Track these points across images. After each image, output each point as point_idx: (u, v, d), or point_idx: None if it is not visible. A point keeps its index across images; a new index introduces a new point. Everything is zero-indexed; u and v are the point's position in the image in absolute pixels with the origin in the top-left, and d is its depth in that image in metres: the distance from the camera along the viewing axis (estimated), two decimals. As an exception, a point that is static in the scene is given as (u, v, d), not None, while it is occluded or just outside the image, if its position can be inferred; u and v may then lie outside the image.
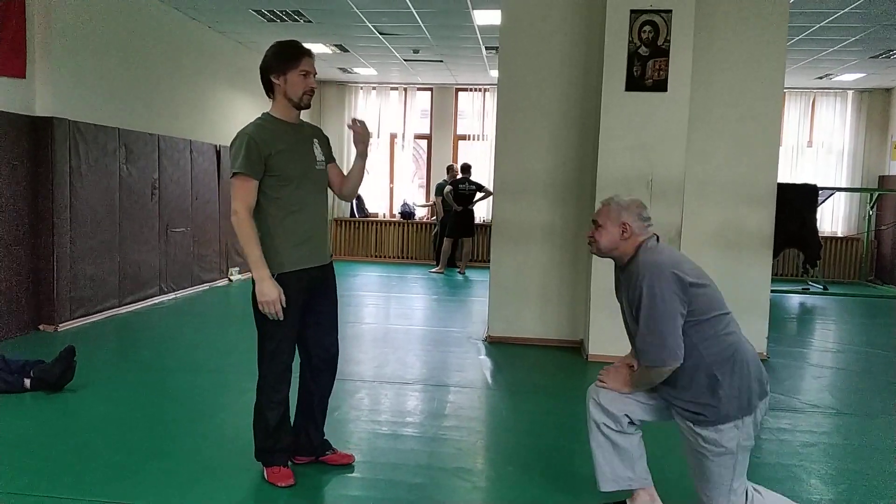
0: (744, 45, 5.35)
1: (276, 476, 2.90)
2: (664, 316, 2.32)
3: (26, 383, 4.01)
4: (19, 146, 5.31)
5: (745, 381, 2.33)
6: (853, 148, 10.81)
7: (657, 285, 2.34)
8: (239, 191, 2.70)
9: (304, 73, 2.77)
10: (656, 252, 2.46)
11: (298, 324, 2.85)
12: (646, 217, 2.53)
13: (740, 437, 2.33)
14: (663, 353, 2.33)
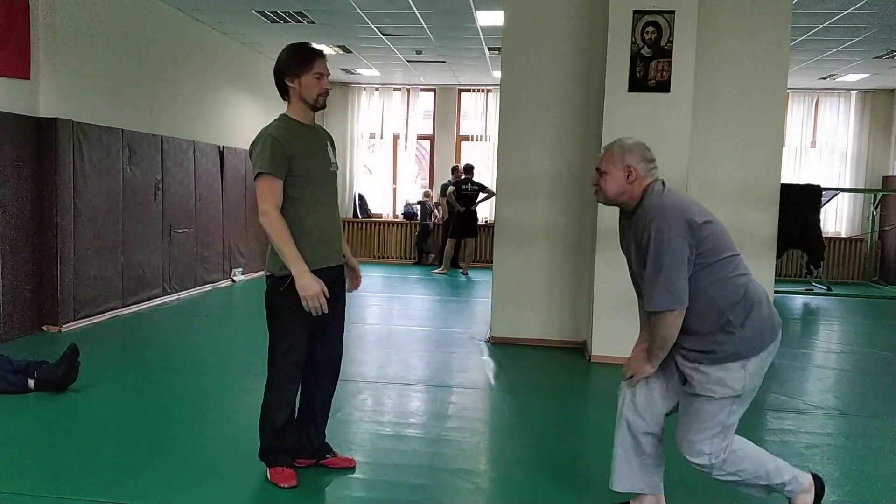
0: (747, 46, 5.35)
1: (279, 476, 2.90)
2: (671, 259, 2.26)
3: (30, 384, 4.01)
4: (23, 147, 5.33)
5: (754, 323, 2.32)
6: (857, 148, 10.79)
7: (665, 228, 2.28)
8: (266, 191, 2.70)
9: (318, 75, 2.79)
10: (664, 195, 2.39)
11: (311, 324, 2.85)
12: (650, 158, 2.46)
13: (746, 377, 2.32)
14: (668, 296, 2.27)
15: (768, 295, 2.43)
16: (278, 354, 2.83)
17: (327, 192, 2.89)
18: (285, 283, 2.75)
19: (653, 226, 2.30)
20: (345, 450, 3.28)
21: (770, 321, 2.36)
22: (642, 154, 2.44)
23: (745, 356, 2.31)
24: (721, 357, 2.33)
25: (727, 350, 2.32)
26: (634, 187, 2.43)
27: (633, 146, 2.45)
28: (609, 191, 2.46)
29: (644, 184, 2.43)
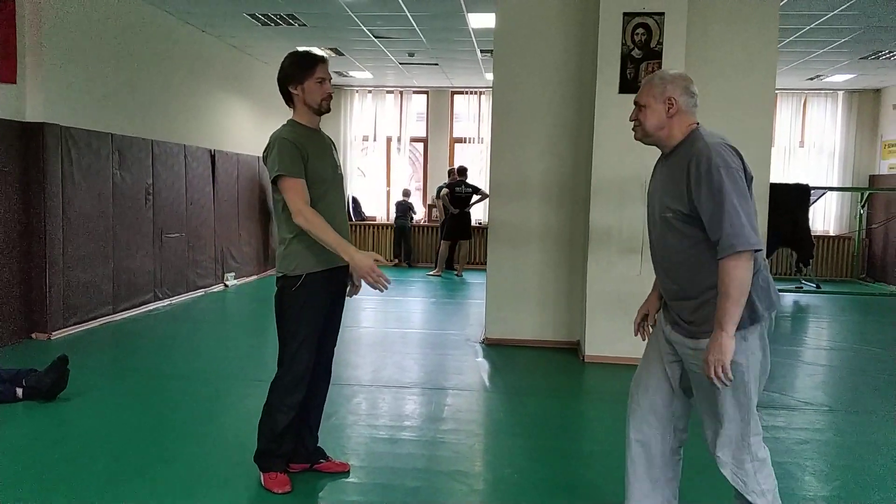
0: (735, 47, 5.39)
1: (273, 482, 2.89)
2: (745, 195, 2.05)
3: (19, 393, 3.97)
4: (10, 152, 5.29)
5: (753, 295, 2.12)
6: (844, 148, 10.88)
7: (733, 165, 2.08)
8: (292, 191, 2.71)
9: (320, 80, 2.82)
10: (719, 136, 2.20)
11: (321, 324, 2.86)
12: (693, 92, 2.27)
13: (748, 349, 2.13)
14: (752, 233, 2.03)
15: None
16: (288, 356, 2.84)
17: (336, 194, 2.92)
18: (297, 283, 2.77)
19: (714, 162, 2.07)
20: (339, 454, 3.28)
21: (773, 292, 2.18)
22: (685, 87, 2.25)
23: (743, 326, 2.10)
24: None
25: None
26: (674, 122, 2.24)
27: (675, 77, 2.26)
28: (648, 125, 2.26)
29: (686, 122, 2.25)
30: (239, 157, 8.86)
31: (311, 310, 2.80)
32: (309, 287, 2.78)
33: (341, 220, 2.91)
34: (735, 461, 2.21)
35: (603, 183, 5.12)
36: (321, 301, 2.84)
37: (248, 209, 9.17)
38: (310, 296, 2.79)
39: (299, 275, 2.77)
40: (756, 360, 2.17)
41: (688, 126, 2.25)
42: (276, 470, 2.91)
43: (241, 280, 8.92)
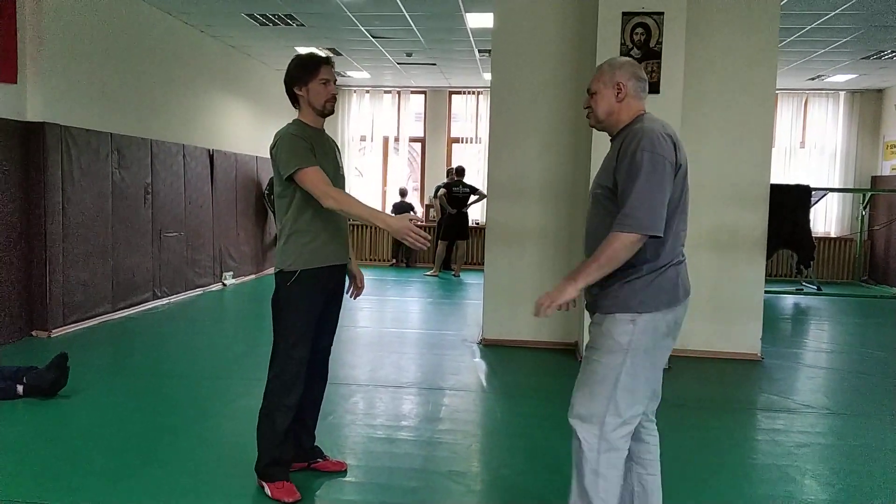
0: (735, 47, 5.37)
1: (281, 492, 2.83)
2: (661, 184, 2.10)
3: (19, 390, 3.98)
4: (11, 152, 5.29)
5: (655, 283, 2.17)
6: (845, 148, 10.86)
7: (660, 150, 2.12)
8: (311, 181, 2.69)
9: (325, 82, 2.82)
10: (660, 123, 2.23)
11: (316, 322, 2.85)
12: (642, 77, 2.30)
13: (634, 333, 2.16)
14: (652, 218, 2.08)
15: (685, 280, 2.27)
16: (283, 352, 2.81)
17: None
18: (292, 278, 2.77)
19: (646, 146, 2.12)
20: (336, 453, 3.27)
21: (672, 284, 2.19)
22: (633, 72, 2.29)
23: (636, 310, 2.16)
24: (610, 306, 2.20)
25: (618, 300, 2.19)
26: (623, 107, 2.27)
27: (623, 63, 2.31)
28: (599, 111, 2.30)
29: (634, 106, 2.28)
30: (237, 157, 8.85)
31: (307, 306, 2.80)
32: (304, 283, 2.78)
33: (342, 218, 2.90)
34: (586, 433, 2.23)
35: (602, 183, 5.10)
36: (317, 298, 2.83)
37: (247, 208, 9.16)
38: (305, 292, 2.79)
39: (295, 270, 2.77)
40: (640, 348, 2.17)
41: (636, 112, 2.28)
42: (282, 479, 2.87)
43: (240, 279, 8.92)
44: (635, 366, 2.18)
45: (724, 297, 5.50)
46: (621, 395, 2.19)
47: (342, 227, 2.91)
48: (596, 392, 2.22)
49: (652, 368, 2.23)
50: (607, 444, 2.21)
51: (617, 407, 2.20)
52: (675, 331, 2.27)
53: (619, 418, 2.21)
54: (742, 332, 5.50)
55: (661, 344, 2.23)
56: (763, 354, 5.51)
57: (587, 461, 2.23)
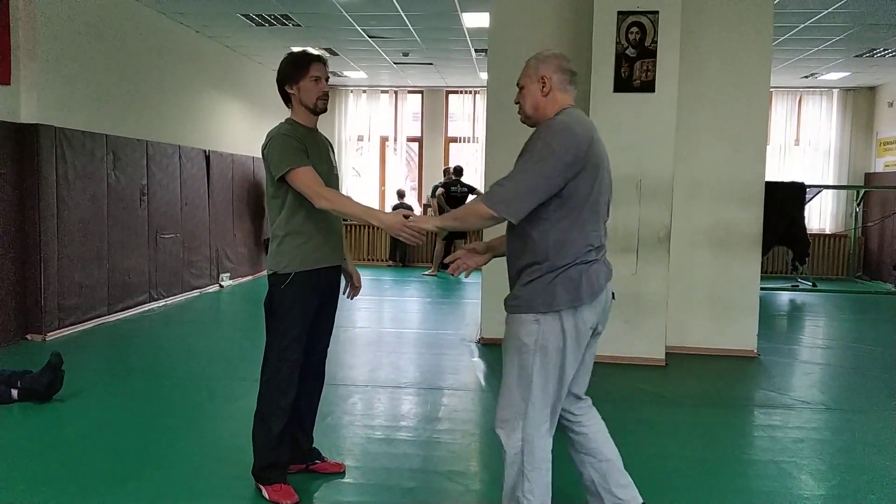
0: (730, 45, 5.39)
1: (278, 494, 2.81)
2: (539, 174, 2.09)
3: (14, 394, 3.96)
4: (4, 154, 5.27)
5: (556, 284, 2.15)
6: (839, 146, 10.91)
7: (554, 145, 2.10)
8: (303, 181, 2.67)
9: (315, 79, 2.80)
10: (575, 118, 2.20)
11: (309, 324, 2.84)
12: (569, 70, 2.28)
13: (540, 333, 2.16)
14: (511, 203, 2.10)
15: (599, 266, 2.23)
16: (275, 354, 2.80)
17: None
18: (286, 281, 2.75)
19: (543, 135, 2.14)
20: (335, 454, 3.27)
21: (575, 285, 2.16)
22: (559, 65, 2.26)
23: (541, 311, 2.15)
24: (515, 305, 2.22)
25: (521, 300, 2.20)
26: (549, 101, 2.25)
27: (548, 56, 2.28)
28: (526, 105, 2.29)
29: (559, 99, 2.25)
30: (233, 158, 8.84)
31: (300, 309, 2.78)
32: (298, 286, 2.76)
33: (335, 218, 2.89)
34: (507, 437, 2.25)
35: (598, 182, 5.11)
36: (311, 301, 2.82)
37: (243, 209, 9.15)
38: (299, 294, 2.77)
39: (289, 273, 2.76)
40: (548, 347, 2.18)
41: (561, 106, 2.26)
42: (279, 481, 2.85)
43: (237, 280, 8.90)
44: (546, 365, 2.18)
45: (721, 295, 5.52)
46: (536, 396, 2.20)
47: (336, 227, 2.90)
48: (512, 395, 2.23)
49: (565, 368, 2.21)
50: (529, 446, 2.23)
51: (534, 408, 2.21)
52: (587, 331, 2.24)
53: (536, 419, 2.21)
54: (738, 328, 5.52)
55: (573, 343, 2.20)
56: (759, 351, 5.53)
57: (512, 464, 2.25)
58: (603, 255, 2.27)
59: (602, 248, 2.26)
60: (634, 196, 5.07)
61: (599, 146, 2.21)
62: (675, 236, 5.30)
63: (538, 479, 2.23)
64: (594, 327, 2.28)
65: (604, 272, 2.24)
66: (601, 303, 2.24)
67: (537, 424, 2.21)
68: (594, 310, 2.22)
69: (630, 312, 5.13)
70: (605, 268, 2.27)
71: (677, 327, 5.48)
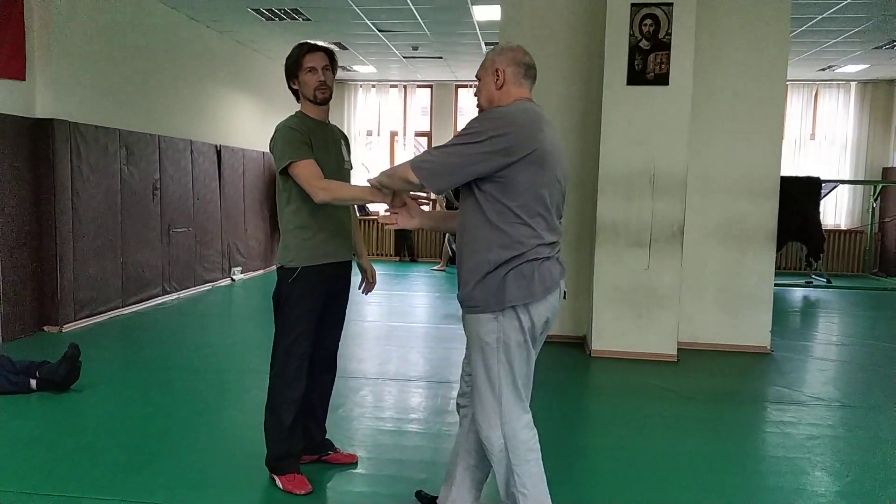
0: (746, 38, 5.33)
1: (292, 484, 2.83)
2: (465, 153, 2.08)
3: (32, 384, 4.02)
4: (20, 149, 5.32)
5: (509, 280, 2.14)
6: (856, 140, 10.78)
7: (486, 126, 2.09)
8: (304, 173, 2.65)
9: (310, 70, 2.79)
10: (522, 108, 2.18)
11: (317, 319, 2.84)
12: (525, 64, 2.25)
13: (500, 330, 2.16)
14: (434, 172, 2.11)
15: (552, 263, 2.21)
16: (283, 348, 2.81)
17: None
18: (294, 274, 2.75)
19: (484, 114, 2.15)
20: (346, 446, 3.28)
21: (528, 281, 2.14)
22: (513, 58, 2.24)
23: (496, 308, 2.15)
24: (472, 306, 2.21)
25: (475, 299, 2.19)
26: (503, 94, 2.23)
27: (505, 49, 2.26)
28: (482, 98, 2.28)
29: (513, 93, 2.23)
30: (245, 153, 8.87)
31: (308, 304, 2.78)
32: (305, 280, 2.76)
33: (345, 213, 2.89)
34: (488, 437, 2.25)
35: (610, 176, 5.09)
36: (318, 295, 2.81)
37: (254, 204, 9.19)
38: (306, 289, 2.77)
39: (296, 267, 2.76)
40: (510, 345, 2.18)
41: (515, 98, 2.24)
42: (292, 471, 2.87)
43: (248, 274, 8.95)
44: (511, 361, 2.19)
45: (734, 290, 5.48)
46: (506, 392, 2.21)
47: (345, 222, 2.88)
48: (484, 396, 2.24)
49: (528, 361, 2.24)
50: (512, 442, 2.24)
51: (507, 404, 2.22)
52: (543, 327, 2.24)
53: (512, 414, 2.23)
54: (752, 324, 5.47)
55: (531, 338, 2.22)
56: (773, 347, 5.48)
57: (500, 462, 2.27)
58: (556, 253, 2.26)
59: (555, 245, 2.24)
60: (647, 190, 5.04)
61: (549, 138, 2.18)
62: (689, 231, 5.26)
63: (528, 471, 2.25)
64: (550, 321, 2.28)
65: (557, 269, 2.24)
66: (555, 298, 2.24)
67: (515, 418, 2.23)
68: (548, 304, 2.22)
69: (642, 307, 5.11)
70: (559, 265, 2.26)
71: (690, 323, 5.45)
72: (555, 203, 2.21)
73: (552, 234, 2.21)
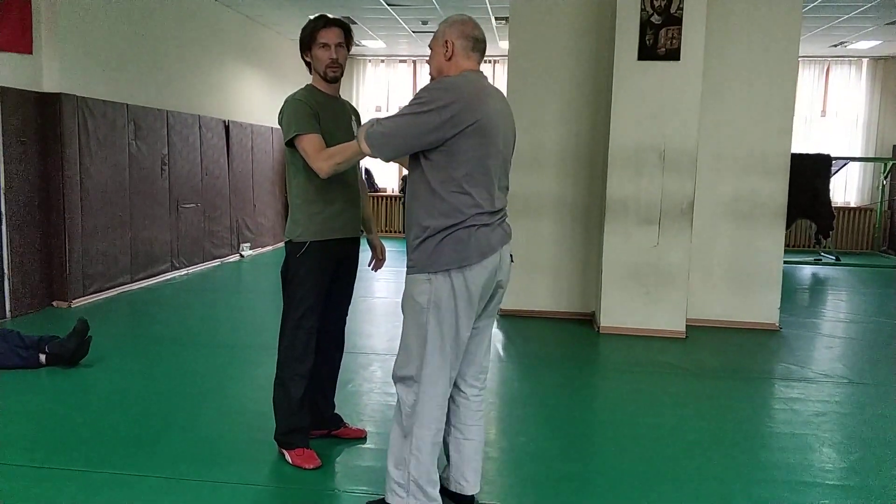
0: (758, 13, 5.25)
1: (301, 458, 2.86)
2: (411, 121, 2.14)
3: (42, 359, 4.05)
4: (28, 123, 5.31)
5: (444, 244, 2.18)
6: (867, 117, 10.66)
7: (430, 97, 2.14)
8: (309, 148, 2.62)
9: (323, 45, 2.76)
10: (468, 79, 2.21)
11: (325, 294, 2.84)
12: (474, 37, 2.27)
13: (431, 292, 2.20)
14: (382, 144, 2.21)
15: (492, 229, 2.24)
16: (291, 323, 2.81)
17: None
18: (302, 248, 2.75)
19: (432, 86, 2.19)
20: (356, 420, 3.31)
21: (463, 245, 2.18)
22: (462, 30, 2.26)
23: (429, 270, 2.19)
24: (411, 266, 2.27)
25: (414, 261, 2.25)
26: (451, 66, 2.27)
27: (455, 21, 2.29)
28: (432, 67, 2.34)
29: (462, 65, 2.27)
30: (253, 128, 8.84)
31: (315, 278, 2.77)
32: (314, 255, 2.76)
33: (352, 189, 2.86)
34: (404, 393, 2.29)
35: (620, 152, 5.05)
36: (325, 270, 2.80)
37: (263, 180, 9.18)
38: (314, 264, 2.76)
39: (304, 241, 2.75)
40: (441, 306, 2.20)
41: (462, 70, 2.28)
42: (301, 446, 2.88)
43: (257, 251, 8.97)
44: (441, 324, 2.22)
45: (743, 267, 5.46)
46: (432, 353, 2.24)
47: (354, 198, 2.87)
48: (410, 353, 2.28)
49: (459, 328, 2.24)
50: (422, 404, 2.26)
51: (429, 365, 2.25)
52: (483, 292, 2.25)
53: (431, 377, 2.25)
54: (760, 301, 5.47)
55: (465, 303, 2.22)
56: (781, 324, 5.48)
57: (403, 418, 2.30)
58: (498, 220, 2.29)
59: (497, 213, 2.27)
60: (658, 166, 5.01)
61: (492, 109, 2.21)
62: (698, 208, 5.23)
63: (426, 437, 2.27)
64: (487, 287, 2.28)
65: (498, 235, 2.27)
66: (493, 263, 2.25)
67: (432, 382, 2.26)
68: (484, 269, 2.24)
69: (651, 284, 5.10)
70: (502, 231, 2.30)
71: (698, 300, 5.44)
72: (497, 174, 2.26)
73: (494, 203, 2.25)
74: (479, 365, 2.45)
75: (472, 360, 2.42)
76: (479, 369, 2.46)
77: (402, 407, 2.31)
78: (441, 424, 2.32)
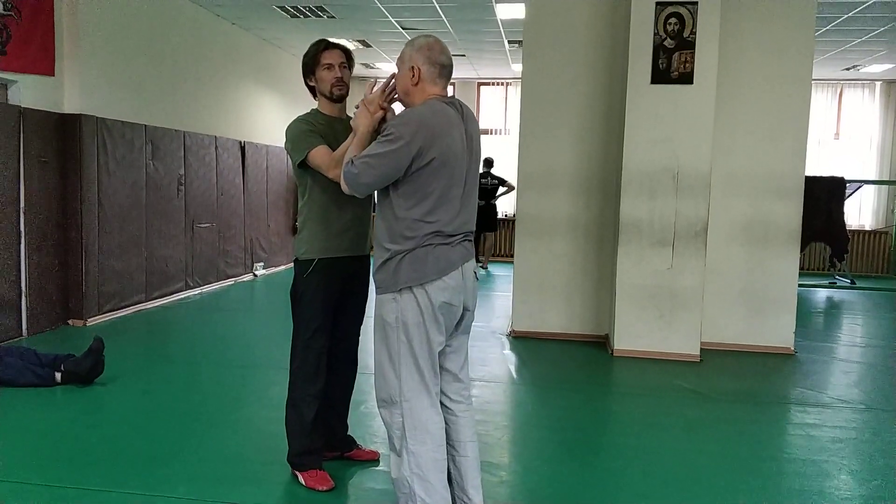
0: (771, 37, 5.28)
1: (314, 480, 2.85)
2: (385, 154, 2.17)
3: (57, 377, 4.08)
4: (49, 143, 5.40)
5: (405, 263, 2.24)
6: (881, 139, 10.64)
7: (403, 131, 2.16)
8: (320, 161, 2.63)
9: (328, 66, 2.80)
10: (433, 109, 2.23)
11: (334, 313, 2.86)
12: (440, 63, 2.27)
13: (398, 310, 2.26)
14: (358, 180, 2.22)
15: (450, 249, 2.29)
16: (301, 344, 2.82)
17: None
18: (309, 267, 2.77)
19: (398, 121, 2.22)
20: (369, 442, 3.30)
21: (421, 263, 2.24)
22: (429, 56, 2.26)
23: (394, 290, 2.26)
24: (378, 285, 2.33)
25: (378, 281, 2.32)
26: (417, 91, 2.28)
27: (422, 45, 2.27)
28: (398, 90, 2.35)
29: (427, 90, 2.28)
30: (268, 149, 8.94)
31: (323, 297, 2.78)
32: (321, 273, 2.76)
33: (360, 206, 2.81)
34: (389, 416, 2.32)
35: (633, 175, 5.07)
36: (333, 288, 2.81)
37: (277, 200, 9.26)
38: (322, 282, 2.77)
39: (311, 259, 2.77)
40: (409, 324, 2.25)
41: (429, 96, 2.29)
42: (314, 467, 2.88)
43: (270, 270, 9.02)
44: (411, 341, 2.26)
45: (757, 291, 5.43)
46: (406, 371, 2.27)
47: (362, 217, 2.86)
48: (386, 374, 2.31)
49: (429, 341, 2.28)
50: (410, 421, 2.28)
51: (407, 383, 2.27)
52: (446, 308, 2.29)
53: (412, 393, 2.27)
54: (775, 325, 5.43)
55: (430, 317, 2.27)
56: (796, 348, 5.43)
57: (396, 441, 2.31)
58: (459, 239, 2.34)
59: (457, 236, 2.32)
60: (671, 189, 5.01)
61: (457, 138, 2.26)
62: (712, 230, 5.22)
63: (424, 453, 2.27)
64: (451, 303, 2.31)
65: (459, 252, 2.32)
66: (455, 279, 2.30)
67: (415, 398, 2.28)
68: (445, 285, 2.28)
69: (665, 307, 5.08)
70: (463, 248, 2.35)
71: (713, 323, 5.41)
72: (462, 200, 2.32)
73: (458, 227, 2.32)
74: (462, 381, 2.48)
75: (453, 378, 2.46)
76: (462, 385, 2.49)
77: (391, 431, 2.34)
78: (438, 440, 2.31)
